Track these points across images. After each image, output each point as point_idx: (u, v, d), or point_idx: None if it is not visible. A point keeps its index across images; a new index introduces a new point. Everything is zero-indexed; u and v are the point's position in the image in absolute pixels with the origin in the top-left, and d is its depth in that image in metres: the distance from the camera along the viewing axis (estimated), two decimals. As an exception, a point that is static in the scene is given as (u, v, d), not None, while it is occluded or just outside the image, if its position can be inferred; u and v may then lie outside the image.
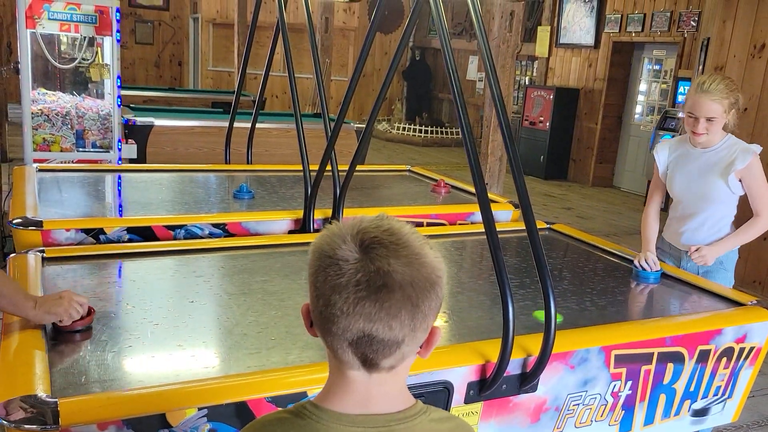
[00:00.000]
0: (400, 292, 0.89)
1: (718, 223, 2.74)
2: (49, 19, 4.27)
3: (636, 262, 2.60)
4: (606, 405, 2.02)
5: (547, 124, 9.87)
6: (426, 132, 12.78)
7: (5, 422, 1.29)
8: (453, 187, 3.84)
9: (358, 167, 3.37)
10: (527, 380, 1.82)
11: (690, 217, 2.78)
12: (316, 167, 3.00)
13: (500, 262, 1.73)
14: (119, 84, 4.67)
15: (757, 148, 2.65)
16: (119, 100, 4.69)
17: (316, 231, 2.92)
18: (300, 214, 2.94)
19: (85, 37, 4.55)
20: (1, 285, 1.60)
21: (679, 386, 2.15)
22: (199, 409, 1.42)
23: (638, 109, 9.54)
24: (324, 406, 0.95)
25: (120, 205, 3.21)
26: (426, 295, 0.92)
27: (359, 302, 0.89)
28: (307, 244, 2.71)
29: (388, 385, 0.96)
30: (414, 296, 0.90)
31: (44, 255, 2.23)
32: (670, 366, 2.09)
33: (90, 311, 1.73)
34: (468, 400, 1.76)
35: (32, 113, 4.46)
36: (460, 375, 1.73)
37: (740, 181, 2.66)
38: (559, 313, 2.08)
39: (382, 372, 0.94)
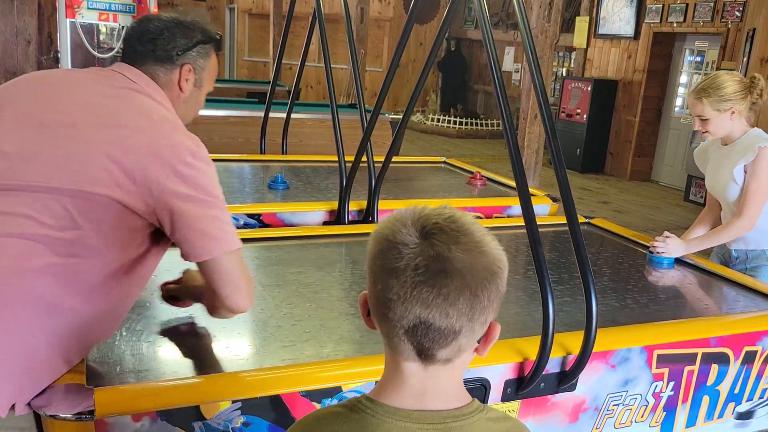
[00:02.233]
0: (459, 279, 0.88)
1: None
2: (89, 8, 4.32)
3: (651, 247, 2.62)
4: (647, 406, 1.97)
5: (585, 116, 9.70)
6: (460, 123, 12.68)
7: (42, 412, 1.30)
8: (489, 179, 3.79)
9: (393, 158, 3.35)
10: (566, 379, 1.77)
11: (725, 215, 2.74)
12: (350, 158, 2.98)
13: (540, 258, 1.69)
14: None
15: (766, 142, 2.50)
16: (156, 89, 4.72)
17: (351, 222, 2.90)
18: (335, 205, 2.93)
19: (123, 27, 4.59)
20: None
21: (724, 388, 2.08)
22: (233, 401, 1.41)
23: (678, 101, 9.31)
24: (379, 400, 0.93)
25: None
26: (485, 285, 0.90)
27: (416, 287, 0.87)
28: (342, 236, 2.72)
29: (444, 379, 0.94)
30: (473, 284, 0.89)
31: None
32: (715, 367, 2.02)
33: None
34: (505, 398, 1.73)
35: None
36: (498, 372, 1.69)
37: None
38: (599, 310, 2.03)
39: (437, 365, 0.92)
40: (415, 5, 2.67)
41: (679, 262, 2.63)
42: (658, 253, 2.59)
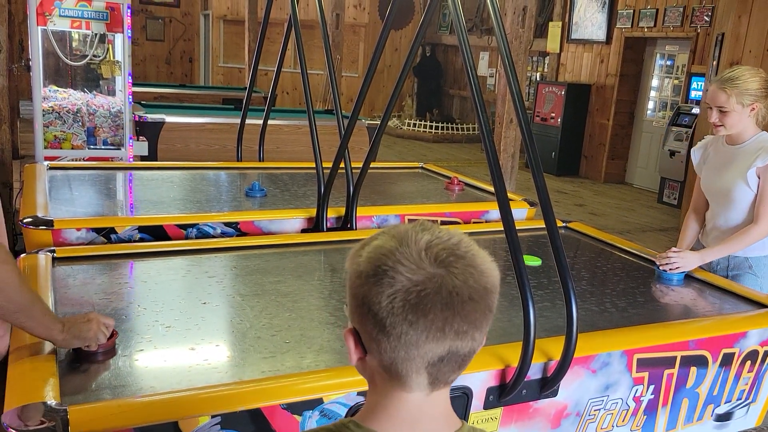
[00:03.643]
0: (483, 303, 0.88)
1: (746, 222, 2.58)
2: (60, 16, 4.24)
3: (658, 263, 2.52)
4: (628, 410, 1.97)
5: (559, 120, 9.78)
6: (436, 128, 12.71)
7: (15, 431, 1.26)
8: (466, 184, 3.79)
9: (371, 164, 3.33)
10: (548, 385, 1.78)
11: (716, 216, 2.68)
12: (328, 164, 2.96)
13: (521, 266, 1.68)
14: (130, 80, 4.64)
15: None
16: (130, 97, 4.66)
17: (330, 230, 2.88)
18: (313, 212, 2.91)
19: (96, 34, 4.52)
20: (32, 303, 1.46)
21: (703, 390, 2.10)
22: (213, 416, 1.38)
23: (650, 105, 9.44)
24: (368, 425, 0.91)
25: (131, 204, 3.18)
26: (493, 302, 0.90)
27: (448, 320, 0.85)
28: (321, 243, 2.69)
29: (441, 404, 0.93)
30: (491, 303, 0.90)
31: (55, 255, 2.20)
32: (694, 370, 2.04)
33: (113, 333, 1.62)
34: (487, 405, 1.72)
35: (43, 110, 4.44)
36: (480, 380, 1.69)
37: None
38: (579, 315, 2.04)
39: (440, 388, 0.91)
40: (391, 12, 2.66)
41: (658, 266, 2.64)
42: (670, 269, 2.48)
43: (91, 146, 4.58)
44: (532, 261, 2.54)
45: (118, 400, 1.40)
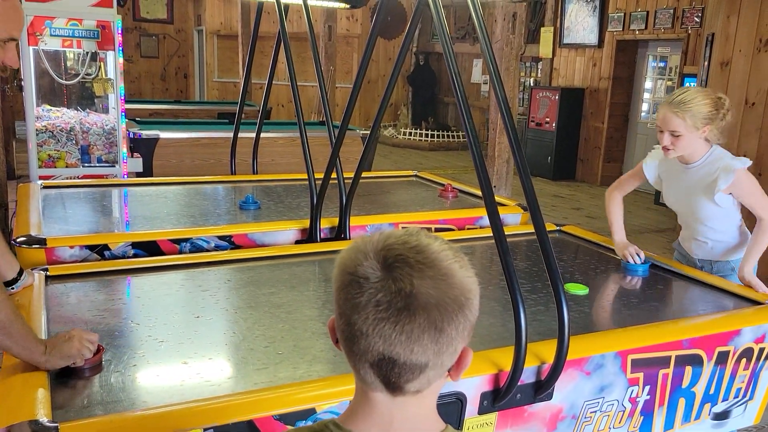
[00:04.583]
0: (423, 316, 0.84)
1: (724, 233, 2.62)
2: (51, 35, 4.26)
3: (622, 257, 2.59)
4: (624, 411, 1.97)
5: (554, 124, 9.81)
6: (432, 136, 12.75)
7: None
8: (460, 191, 3.80)
9: (365, 174, 3.35)
10: (542, 388, 1.77)
11: (692, 230, 2.70)
12: (321, 176, 2.97)
13: (511, 270, 1.69)
14: (123, 97, 4.66)
15: (741, 164, 2.47)
16: (123, 114, 4.68)
17: (324, 240, 2.89)
18: (307, 223, 2.91)
19: (87, 53, 4.55)
20: (11, 326, 1.44)
21: (699, 389, 2.10)
22: (205, 429, 1.38)
23: (644, 107, 9.47)
24: (347, 426, 0.91)
25: (125, 220, 3.18)
26: (452, 318, 0.86)
27: (378, 324, 0.84)
28: (315, 254, 2.70)
29: (412, 408, 0.91)
30: (438, 319, 0.85)
31: (48, 273, 2.20)
32: (689, 369, 2.04)
33: (99, 349, 1.62)
34: (482, 410, 1.72)
35: (37, 130, 4.45)
36: (473, 385, 1.69)
37: (730, 193, 2.53)
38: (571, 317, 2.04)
39: (406, 396, 0.90)
40: (376, 21, 2.68)
41: (651, 266, 2.65)
42: (629, 261, 2.57)
43: (86, 164, 4.60)
44: (578, 290, 2.33)
45: (110, 415, 1.40)
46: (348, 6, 3.25)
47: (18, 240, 2.42)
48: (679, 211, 2.74)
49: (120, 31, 4.40)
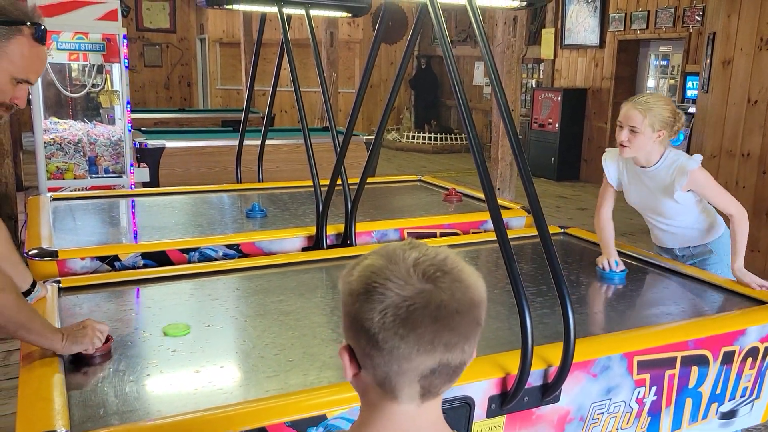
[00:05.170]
0: (469, 315, 0.91)
1: (692, 221, 2.74)
2: (58, 49, 4.32)
3: (599, 265, 2.60)
4: (631, 412, 1.99)
5: (557, 125, 9.82)
6: (435, 139, 12.78)
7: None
8: (464, 194, 3.82)
9: (370, 179, 3.36)
10: (549, 391, 1.79)
11: (662, 225, 2.81)
12: (326, 182, 3.00)
13: (516, 275, 1.71)
14: (129, 108, 4.71)
15: (695, 163, 2.58)
16: (129, 125, 4.72)
17: (330, 247, 2.92)
18: (313, 230, 2.94)
19: (93, 65, 4.60)
20: (31, 320, 1.64)
21: (705, 389, 2.11)
22: (219, 436, 1.41)
23: (648, 106, 9.48)
24: None
25: (134, 231, 3.22)
26: (482, 314, 0.94)
27: (438, 333, 0.89)
28: (321, 261, 2.73)
29: (431, 416, 0.96)
30: (479, 315, 0.93)
31: (60, 285, 2.23)
32: (695, 369, 2.06)
33: (108, 338, 1.78)
34: (490, 414, 1.74)
35: (45, 143, 4.51)
36: (481, 389, 1.71)
37: (690, 190, 2.63)
38: (576, 319, 2.07)
39: (431, 399, 0.95)
40: (379, 29, 2.71)
41: (655, 266, 2.68)
42: (605, 269, 2.57)
43: (93, 175, 4.65)
44: None
45: (126, 425, 1.43)
46: (350, 15, 3.28)
47: (30, 253, 2.46)
48: (643, 211, 2.86)
49: (126, 44, 4.45)
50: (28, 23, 1.58)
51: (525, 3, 2.15)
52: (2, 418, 3.13)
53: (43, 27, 1.62)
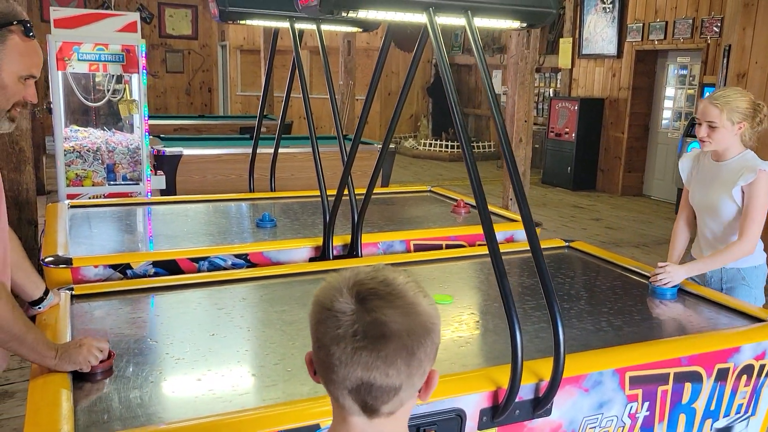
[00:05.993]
0: (396, 341, 0.95)
1: (734, 235, 2.67)
2: (79, 60, 4.44)
3: (652, 278, 2.60)
4: (624, 427, 2.02)
5: (573, 135, 9.82)
6: (453, 147, 12.81)
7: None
8: (472, 206, 3.86)
9: (380, 190, 3.43)
10: (540, 405, 1.84)
11: (704, 229, 2.79)
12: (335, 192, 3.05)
13: (506, 288, 1.76)
14: (146, 117, 4.83)
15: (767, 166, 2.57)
16: (147, 135, 4.84)
17: (336, 258, 2.98)
18: (320, 241, 3.00)
19: (113, 75, 4.72)
20: (25, 333, 1.65)
21: (699, 405, 2.14)
22: (214, 444, 1.47)
23: (666, 115, 9.45)
24: None
25: (147, 239, 3.31)
26: (422, 342, 0.97)
27: (356, 352, 0.94)
28: (327, 272, 2.79)
29: (387, 429, 1.01)
30: (410, 344, 0.96)
31: (73, 292, 2.32)
32: (688, 386, 2.08)
33: (110, 354, 1.79)
34: (481, 426, 1.79)
35: (65, 150, 4.63)
36: (473, 402, 1.76)
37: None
38: (572, 334, 2.11)
39: (381, 417, 1.00)
40: (387, 36, 2.76)
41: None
42: (662, 285, 2.54)
43: (111, 182, 4.76)
44: (444, 300, 2.43)
45: (128, 431, 1.50)
46: (360, 30, 3.35)
47: (46, 260, 2.55)
48: (698, 207, 2.81)
49: (144, 54, 4.57)
50: (15, 22, 1.62)
51: (525, 24, 2.20)
52: (19, 419, 3.24)
53: (29, 22, 1.65)
